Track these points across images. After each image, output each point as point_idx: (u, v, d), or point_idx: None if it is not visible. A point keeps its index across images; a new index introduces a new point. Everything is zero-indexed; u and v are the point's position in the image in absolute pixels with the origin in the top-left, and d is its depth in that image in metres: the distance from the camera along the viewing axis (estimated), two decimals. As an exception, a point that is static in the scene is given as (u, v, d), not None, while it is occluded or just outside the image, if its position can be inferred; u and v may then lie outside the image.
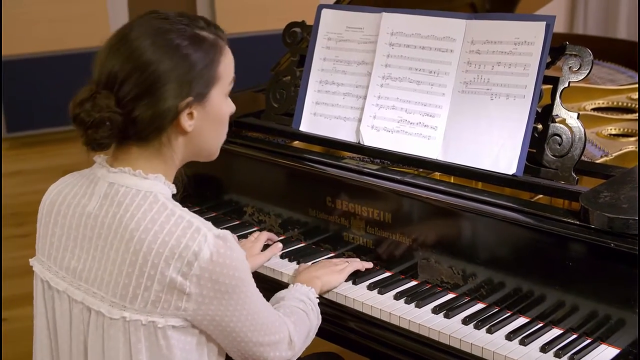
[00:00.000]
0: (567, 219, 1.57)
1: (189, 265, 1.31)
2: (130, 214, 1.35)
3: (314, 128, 2.10)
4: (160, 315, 1.33)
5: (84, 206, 1.41)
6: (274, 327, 1.47)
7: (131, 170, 1.39)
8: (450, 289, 1.76)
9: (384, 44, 1.99)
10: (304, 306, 1.63)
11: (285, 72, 2.23)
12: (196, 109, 1.39)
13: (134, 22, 1.40)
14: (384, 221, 1.86)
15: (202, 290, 1.32)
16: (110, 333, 1.36)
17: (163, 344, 1.35)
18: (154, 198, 1.37)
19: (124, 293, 1.34)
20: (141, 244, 1.32)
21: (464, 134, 1.83)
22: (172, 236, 1.31)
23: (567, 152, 1.71)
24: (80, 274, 1.40)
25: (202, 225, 1.34)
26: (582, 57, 1.71)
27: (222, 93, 1.44)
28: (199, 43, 1.38)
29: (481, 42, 1.83)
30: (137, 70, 1.34)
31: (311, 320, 1.63)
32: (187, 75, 1.36)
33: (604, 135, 2.22)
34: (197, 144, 1.45)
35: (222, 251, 1.32)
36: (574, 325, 1.59)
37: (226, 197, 2.23)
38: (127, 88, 1.33)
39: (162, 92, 1.34)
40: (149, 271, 1.31)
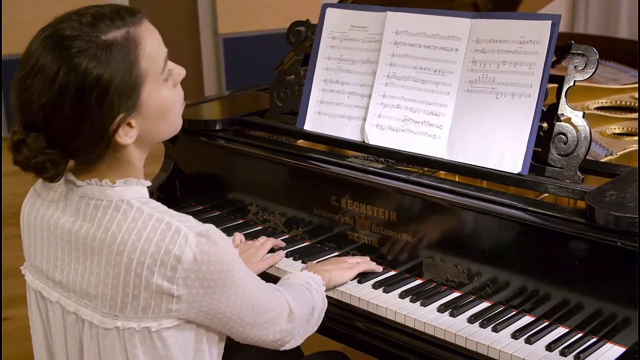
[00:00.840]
0: (573, 217, 1.57)
1: (172, 269, 1.27)
2: (104, 227, 1.31)
3: (318, 127, 2.10)
4: (153, 319, 1.31)
5: (58, 219, 1.38)
6: (269, 304, 1.44)
7: (97, 181, 1.34)
8: (455, 288, 1.76)
9: (389, 42, 1.99)
10: (307, 285, 1.62)
11: (289, 71, 2.23)
12: (132, 118, 1.31)
13: (35, 51, 1.28)
14: (389, 220, 1.86)
15: (191, 290, 1.30)
16: (106, 343, 1.34)
17: (159, 345, 1.33)
18: (127, 206, 1.32)
19: (113, 304, 1.32)
20: (121, 256, 1.29)
21: (469, 132, 1.83)
22: (151, 243, 1.28)
23: (573, 151, 1.71)
24: (66, 285, 1.38)
25: (181, 225, 1.29)
26: (588, 56, 1.71)
27: (156, 84, 1.33)
28: (107, 54, 1.26)
29: (486, 41, 1.83)
30: (54, 110, 1.26)
31: (314, 298, 1.60)
32: (107, 98, 1.26)
33: (608, 134, 2.22)
34: (151, 140, 1.38)
35: (205, 249, 1.28)
36: (579, 323, 1.59)
37: (230, 195, 2.23)
38: (52, 129, 1.27)
39: (88, 123, 1.26)
40: (134, 281, 1.29)
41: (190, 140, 2.29)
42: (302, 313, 1.54)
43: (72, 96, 1.25)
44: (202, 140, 2.25)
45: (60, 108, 1.25)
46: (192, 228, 1.29)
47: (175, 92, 1.39)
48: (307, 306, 1.57)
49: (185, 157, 2.34)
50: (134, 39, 1.30)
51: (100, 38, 1.27)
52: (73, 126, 1.27)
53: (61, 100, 1.25)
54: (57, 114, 1.26)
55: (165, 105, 1.36)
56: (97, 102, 1.26)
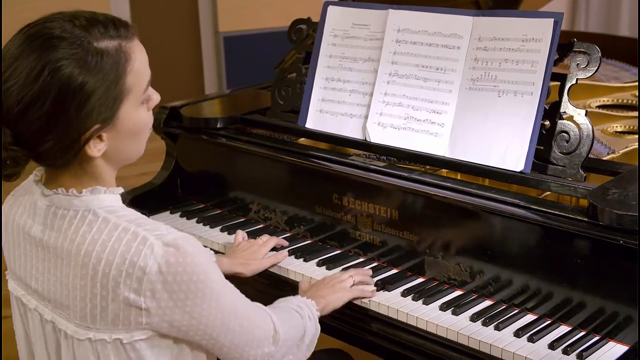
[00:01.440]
0: (576, 215, 1.57)
1: (138, 281, 1.23)
2: (69, 238, 1.29)
3: (320, 125, 2.10)
4: (124, 331, 1.28)
5: (30, 227, 1.36)
6: (251, 323, 1.38)
7: (64, 190, 1.31)
8: (457, 286, 1.76)
9: (391, 40, 1.98)
10: (298, 309, 1.56)
11: (291, 69, 2.22)
12: (105, 131, 1.27)
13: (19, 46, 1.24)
14: (391, 218, 1.85)
15: (160, 303, 1.25)
16: (81, 352, 1.32)
17: (133, 356, 1.30)
18: (93, 216, 1.29)
19: (83, 315, 1.29)
20: (86, 268, 1.26)
21: (471, 130, 1.83)
22: (115, 254, 1.24)
23: (575, 149, 1.71)
24: (42, 293, 1.36)
25: (148, 235, 1.25)
26: (590, 54, 1.71)
27: (136, 103, 1.30)
28: (96, 62, 1.23)
29: (488, 39, 1.83)
30: (30, 107, 1.21)
31: (306, 323, 1.54)
32: (87, 106, 1.23)
33: (610, 132, 2.22)
34: (118, 159, 1.34)
35: (172, 260, 1.23)
36: (582, 322, 1.58)
37: (231, 194, 2.23)
38: (23, 126, 1.23)
39: (63, 126, 1.23)
40: (101, 292, 1.26)
41: (192, 138, 2.29)
42: (290, 336, 1.47)
43: (52, 97, 1.21)
44: (203, 139, 2.25)
45: (38, 107, 1.22)
46: (160, 237, 1.25)
47: (149, 116, 1.37)
48: (297, 329, 1.51)
49: (187, 155, 2.33)
50: (125, 52, 1.27)
51: (92, 44, 1.24)
52: (45, 127, 1.23)
53: (40, 99, 1.21)
54: (32, 112, 1.22)
55: (139, 126, 1.33)
56: (76, 108, 1.22)
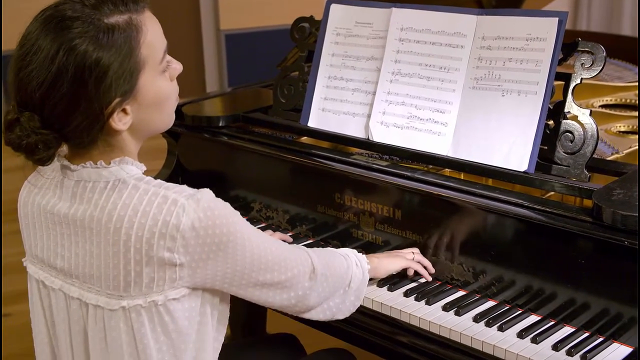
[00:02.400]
0: (580, 216, 1.56)
1: (172, 239, 1.28)
2: (100, 207, 1.32)
3: (322, 124, 2.09)
4: (158, 292, 1.32)
5: (55, 205, 1.38)
6: (287, 263, 1.43)
7: (92, 164, 1.34)
8: (460, 287, 1.75)
9: (394, 39, 1.97)
10: (344, 255, 1.60)
11: (293, 67, 2.21)
12: (128, 104, 1.32)
13: (35, 31, 1.29)
14: (394, 218, 1.84)
15: (194, 256, 1.30)
16: (112, 324, 1.34)
17: (168, 319, 1.34)
18: (122, 184, 1.33)
19: (116, 284, 1.32)
20: (119, 234, 1.29)
21: (475, 130, 1.82)
22: (147, 217, 1.28)
23: (579, 149, 1.70)
24: (68, 271, 1.38)
25: (178, 196, 1.30)
26: (595, 53, 1.70)
27: (155, 73, 1.35)
28: (108, 37, 1.27)
29: (492, 38, 1.82)
30: (52, 87, 1.26)
31: (352, 268, 1.58)
32: (105, 81, 1.27)
33: (613, 132, 2.21)
34: (144, 131, 1.39)
35: (202, 215, 1.29)
36: (585, 323, 1.58)
37: (233, 192, 2.22)
38: (48, 108, 1.27)
39: (85, 104, 1.27)
40: (134, 257, 1.29)
41: (193, 136, 2.28)
42: (330, 273, 1.51)
43: (70, 76, 1.25)
44: (205, 137, 2.24)
45: (58, 88, 1.26)
46: (190, 197, 1.30)
47: (172, 85, 1.40)
48: (340, 270, 1.54)
49: (188, 153, 2.33)
50: (136, 25, 1.31)
51: (102, 21, 1.27)
52: (69, 107, 1.27)
53: (59, 79, 1.25)
54: (54, 94, 1.26)
55: (161, 96, 1.37)
56: (95, 84, 1.26)
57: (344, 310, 1.59)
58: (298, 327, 2.01)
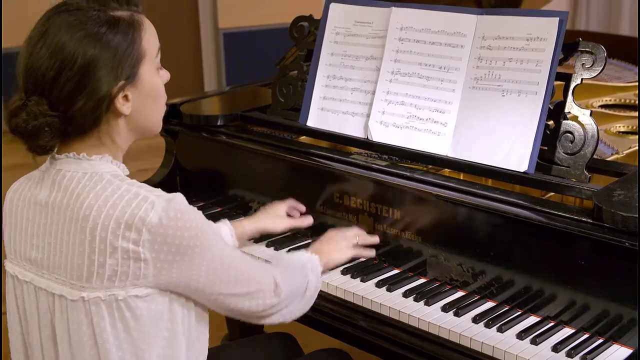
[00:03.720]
0: (580, 217, 1.55)
1: (137, 231, 1.30)
2: (75, 195, 1.35)
3: (321, 123, 2.08)
4: (120, 287, 1.33)
5: (36, 195, 1.41)
6: (251, 278, 1.46)
7: (75, 154, 1.39)
8: (459, 287, 1.74)
9: (393, 38, 1.97)
10: (301, 262, 1.64)
11: (292, 66, 2.20)
12: (130, 90, 1.39)
13: (48, 21, 1.36)
14: (393, 218, 1.84)
15: (159, 255, 1.32)
16: (74, 316, 1.36)
17: (128, 315, 1.34)
18: (98, 177, 1.37)
19: (80, 273, 1.34)
20: (86, 221, 1.32)
21: (475, 130, 1.81)
22: (116, 208, 1.31)
23: (579, 150, 1.69)
24: (41, 262, 1.40)
25: (150, 194, 1.33)
26: (596, 54, 1.69)
27: (152, 67, 1.43)
28: (115, 25, 1.37)
29: (492, 38, 1.81)
30: (62, 68, 1.32)
31: (309, 276, 1.62)
32: (113, 60, 1.35)
33: (613, 132, 2.20)
34: (139, 123, 1.44)
35: (172, 214, 1.31)
36: (585, 324, 1.57)
37: (231, 192, 2.21)
38: (57, 89, 1.33)
39: (93, 83, 1.33)
40: (99, 246, 1.31)
41: (192, 135, 2.27)
42: (292, 289, 1.55)
43: (80, 58, 1.32)
44: (203, 136, 2.23)
45: (67, 70, 1.32)
46: (161, 196, 1.34)
47: (163, 87, 1.48)
48: (299, 284, 1.58)
49: (186, 152, 2.32)
50: (137, 21, 1.41)
51: (108, 13, 1.38)
52: (77, 88, 1.33)
53: (70, 61, 1.32)
54: (63, 76, 1.32)
55: (157, 90, 1.45)
56: (104, 65, 1.34)
57: (295, 315, 1.61)
58: (295, 327, 2.00)
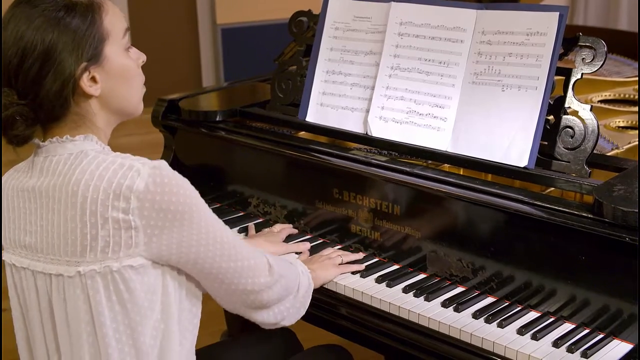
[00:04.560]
0: (580, 212, 1.55)
1: (125, 200, 1.32)
2: (63, 175, 1.37)
3: (320, 119, 2.08)
4: (114, 259, 1.34)
5: (25, 183, 1.43)
6: (245, 252, 1.46)
7: (59, 138, 1.41)
8: (459, 282, 1.74)
9: (393, 33, 1.96)
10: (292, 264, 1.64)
11: (291, 62, 2.20)
12: (96, 72, 1.40)
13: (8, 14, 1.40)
14: (392, 213, 1.83)
15: (149, 221, 1.33)
16: (70, 292, 1.38)
17: (123, 288, 1.36)
18: (83, 155, 1.39)
19: (74, 249, 1.35)
20: (75, 197, 1.34)
21: (475, 125, 1.81)
22: (103, 180, 1.33)
23: (580, 145, 1.69)
24: (35, 246, 1.42)
25: (135, 162, 1.35)
26: (596, 48, 1.69)
27: (119, 47, 1.44)
28: (72, 9, 1.38)
29: (492, 33, 1.81)
30: (24, 56, 1.35)
31: (300, 276, 1.61)
32: (73, 43, 1.36)
33: (612, 127, 2.20)
34: (113, 104, 1.45)
35: (158, 180, 1.33)
36: (586, 320, 1.57)
37: (230, 188, 2.21)
38: (22, 77, 1.36)
39: (55, 67, 1.36)
40: (90, 219, 1.33)
41: (190, 131, 2.27)
42: (285, 273, 1.55)
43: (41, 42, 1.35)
44: (202, 132, 2.22)
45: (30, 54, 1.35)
46: (146, 163, 1.35)
47: (136, 67, 1.49)
48: (292, 274, 1.58)
49: (185, 148, 2.31)
50: (96, 2, 1.42)
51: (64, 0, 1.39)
52: (40, 71, 1.35)
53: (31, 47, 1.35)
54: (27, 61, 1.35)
55: (127, 70, 1.45)
56: (63, 48, 1.36)
57: (291, 317, 1.60)
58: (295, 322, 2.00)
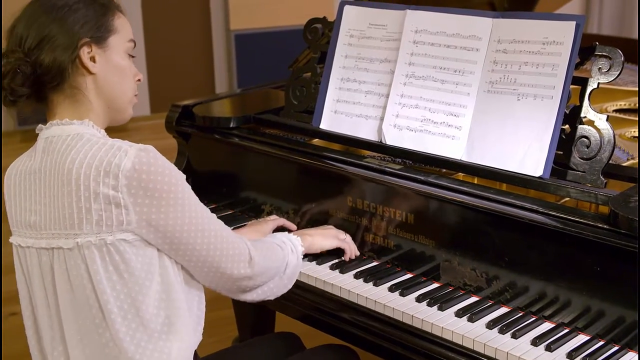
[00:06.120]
0: (596, 222, 1.54)
1: (114, 177, 1.41)
2: (61, 154, 1.46)
3: (334, 126, 2.08)
4: (108, 233, 1.43)
5: (30, 166, 1.52)
6: (227, 240, 1.53)
7: (59, 121, 1.51)
8: (473, 292, 1.73)
9: (408, 41, 1.96)
10: (280, 243, 1.70)
11: (305, 69, 2.20)
12: (97, 53, 1.51)
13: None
14: (406, 222, 1.83)
15: (137, 199, 1.42)
16: (71, 263, 1.46)
17: (118, 259, 1.44)
18: (79, 137, 1.48)
19: (72, 222, 1.44)
20: (71, 174, 1.43)
21: (489, 134, 1.80)
22: (95, 158, 1.42)
23: (595, 155, 1.68)
24: (39, 224, 1.49)
25: (124, 144, 1.44)
26: (613, 58, 1.68)
27: (122, 47, 1.55)
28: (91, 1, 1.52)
29: (508, 42, 1.80)
30: (35, 23, 1.48)
31: (287, 255, 1.68)
32: (81, 19, 1.49)
33: (628, 137, 2.18)
34: (106, 90, 1.54)
35: (144, 160, 1.42)
36: (600, 331, 1.56)
37: (244, 194, 2.20)
38: (30, 40, 1.48)
39: (60, 34, 1.47)
40: (84, 194, 1.42)
41: (204, 137, 2.27)
42: (267, 265, 1.61)
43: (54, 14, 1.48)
44: (216, 138, 2.23)
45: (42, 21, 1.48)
46: (134, 145, 1.45)
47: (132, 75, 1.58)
48: (276, 261, 1.65)
49: (199, 154, 2.31)
50: (114, 6, 1.56)
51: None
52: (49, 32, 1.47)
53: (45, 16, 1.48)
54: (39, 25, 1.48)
55: (124, 69, 1.56)
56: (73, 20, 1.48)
57: (277, 293, 1.69)
58: (304, 328, 2.00)
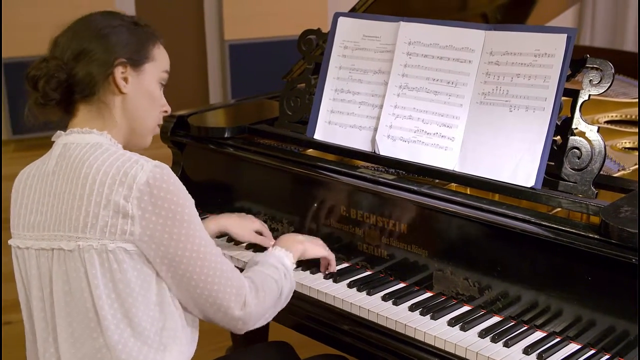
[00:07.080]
0: (587, 233, 1.56)
1: (128, 188, 1.44)
2: (78, 159, 1.50)
3: (328, 136, 2.09)
4: (110, 240, 1.46)
5: (44, 170, 1.55)
6: (226, 276, 1.54)
7: (79, 129, 1.55)
8: (465, 301, 1.74)
9: (402, 53, 1.98)
10: (275, 272, 1.68)
11: (300, 79, 2.22)
12: (130, 75, 1.56)
13: None
14: (399, 231, 1.84)
15: (145, 213, 1.45)
16: (71, 265, 1.48)
17: (116, 267, 1.47)
18: (98, 146, 1.52)
19: (77, 224, 1.47)
20: (86, 179, 1.47)
21: (482, 145, 1.82)
22: (112, 166, 1.46)
23: (587, 166, 1.70)
24: (41, 224, 1.52)
25: (141, 159, 1.49)
26: (604, 70, 1.70)
27: (156, 74, 1.61)
28: (135, 27, 1.59)
29: (500, 53, 1.82)
30: (77, 37, 1.55)
31: (280, 285, 1.67)
32: (121, 41, 1.55)
33: (619, 148, 2.20)
34: (132, 113, 1.59)
35: (158, 176, 1.45)
36: (592, 340, 1.57)
37: (238, 204, 2.22)
38: (70, 51, 1.54)
39: (99, 50, 1.53)
40: (95, 199, 1.45)
41: (199, 147, 2.28)
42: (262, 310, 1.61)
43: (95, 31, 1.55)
44: (210, 148, 2.24)
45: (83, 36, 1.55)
46: (150, 161, 1.49)
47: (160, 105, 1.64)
48: (272, 299, 1.64)
49: (193, 164, 2.33)
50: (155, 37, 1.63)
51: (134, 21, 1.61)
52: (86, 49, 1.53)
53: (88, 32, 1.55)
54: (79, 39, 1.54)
55: (154, 96, 1.62)
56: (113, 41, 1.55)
57: (271, 317, 1.68)
58: (297, 337, 2.01)
